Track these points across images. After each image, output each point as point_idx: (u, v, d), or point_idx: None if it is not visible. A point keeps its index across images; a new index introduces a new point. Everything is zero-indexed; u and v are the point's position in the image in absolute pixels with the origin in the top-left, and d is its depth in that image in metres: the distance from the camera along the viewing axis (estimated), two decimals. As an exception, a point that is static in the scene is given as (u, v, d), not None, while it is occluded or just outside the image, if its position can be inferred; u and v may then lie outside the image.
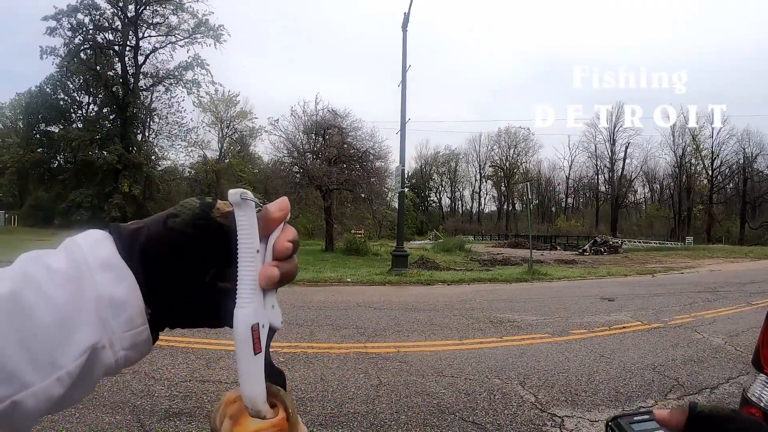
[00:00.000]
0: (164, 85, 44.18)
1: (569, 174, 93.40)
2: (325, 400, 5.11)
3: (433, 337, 8.00)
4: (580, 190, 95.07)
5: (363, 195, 33.93)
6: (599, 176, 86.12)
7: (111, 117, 42.55)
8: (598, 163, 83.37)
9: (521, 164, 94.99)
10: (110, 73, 41.88)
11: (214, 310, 0.61)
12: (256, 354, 0.58)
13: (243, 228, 0.59)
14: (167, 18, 41.88)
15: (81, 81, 42.97)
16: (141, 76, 42.91)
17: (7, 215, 45.65)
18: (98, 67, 40.84)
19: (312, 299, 11.77)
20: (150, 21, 41.75)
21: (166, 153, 47.27)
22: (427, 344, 7.48)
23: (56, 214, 39.85)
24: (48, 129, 44.95)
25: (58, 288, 0.51)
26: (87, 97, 45.01)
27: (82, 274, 0.54)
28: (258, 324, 0.58)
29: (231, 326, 0.59)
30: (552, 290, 14.54)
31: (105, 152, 39.00)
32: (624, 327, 8.94)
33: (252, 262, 0.59)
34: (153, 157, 44.43)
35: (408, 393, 5.35)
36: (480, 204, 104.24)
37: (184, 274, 0.60)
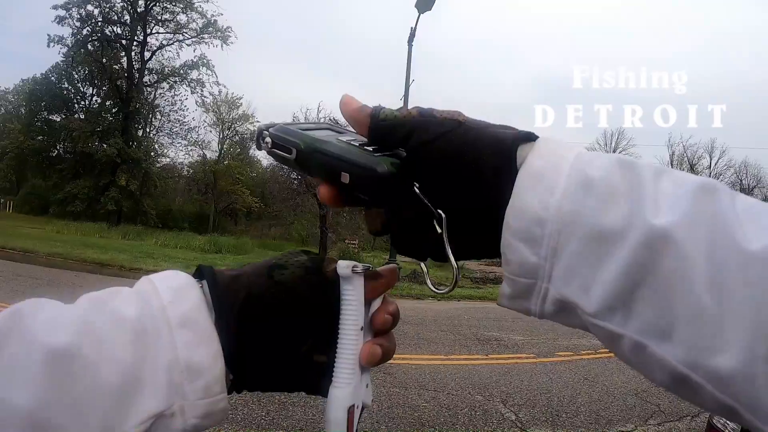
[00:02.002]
0: (168, 83, 44.10)
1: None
2: (307, 406, 5.12)
3: (419, 351, 8.01)
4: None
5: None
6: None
7: (113, 110, 42.42)
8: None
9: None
10: (116, 67, 41.83)
11: (302, 382, 0.56)
12: None
13: (349, 303, 0.54)
14: (176, 16, 41.90)
15: (86, 72, 42.86)
16: (146, 72, 42.85)
17: (2, 200, 45.51)
18: (104, 60, 40.78)
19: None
20: (159, 18, 41.77)
21: (165, 150, 47.09)
22: (413, 357, 7.48)
23: (52, 203, 39.69)
24: (50, 117, 44.84)
25: (124, 344, 0.45)
26: (91, 88, 44.90)
27: (157, 330, 0.47)
28: (354, 405, 0.54)
29: (321, 395, 0.55)
30: (541, 312, 14.56)
31: (105, 145, 38.84)
32: (610, 351, 8.97)
33: (355, 339, 0.54)
34: (152, 154, 44.24)
35: (390, 404, 5.37)
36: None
37: (281, 340, 0.54)
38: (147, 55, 42.57)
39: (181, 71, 43.22)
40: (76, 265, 14.89)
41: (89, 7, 39.60)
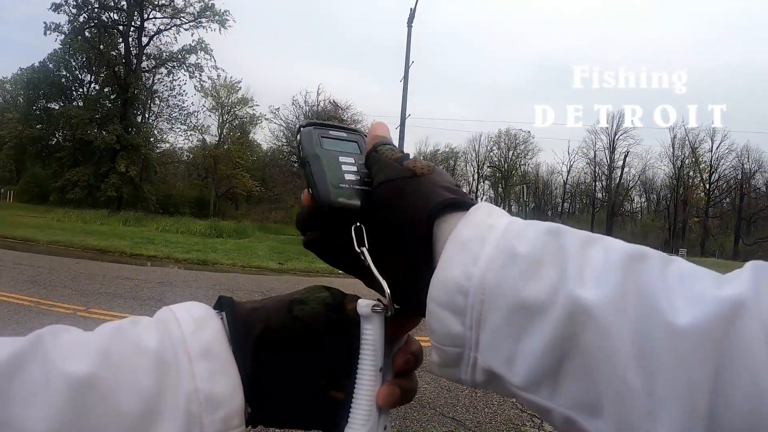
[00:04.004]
0: (167, 68, 43.97)
1: (567, 179, 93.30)
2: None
3: (419, 332, 7.88)
4: (577, 195, 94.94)
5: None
6: (597, 183, 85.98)
7: (112, 97, 42.32)
8: (597, 170, 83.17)
9: (520, 166, 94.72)
10: (113, 53, 41.64)
11: (318, 419, 0.55)
12: None
13: (368, 343, 0.53)
14: (173, 0, 41.79)
15: (84, 59, 42.68)
16: (144, 58, 42.70)
17: (2, 190, 45.54)
18: (102, 46, 40.62)
19: (303, 289, 11.72)
20: (156, 2, 41.57)
21: (165, 136, 47.02)
22: (413, 340, 7.48)
23: (52, 191, 39.72)
24: (48, 106, 44.73)
25: (144, 373, 0.45)
26: (89, 75, 44.74)
27: (177, 360, 0.47)
28: None
29: None
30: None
31: (104, 132, 38.79)
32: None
33: (372, 381, 0.53)
34: (152, 139, 44.24)
35: (391, 386, 5.39)
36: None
37: (297, 373, 0.53)
38: (144, 40, 42.50)
39: (179, 56, 43.11)
40: (77, 253, 14.94)
41: (85, -7, 39.42)
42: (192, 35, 46.02)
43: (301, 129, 0.63)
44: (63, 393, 0.41)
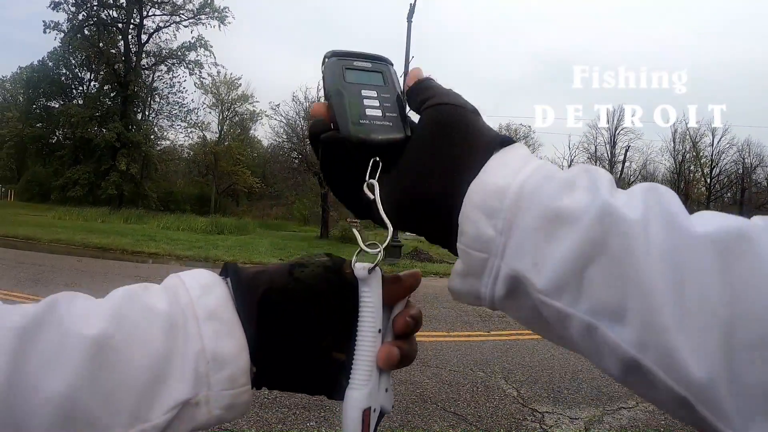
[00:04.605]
0: (166, 65, 43.89)
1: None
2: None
3: (421, 327, 8.01)
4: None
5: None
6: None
7: (112, 95, 42.22)
8: (598, 164, 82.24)
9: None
10: (113, 51, 41.55)
11: (322, 380, 0.56)
12: None
13: (367, 305, 0.55)
14: (172, -3, 41.71)
15: (83, 57, 42.61)
16: (143, 55, 42.59)
17: (3, 189, 45.56)
18: (101, 44, 40.53)
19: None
20: (154, 0, 41.56)
21: (165, 133, 46.84)
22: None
23: (53, 190, 39.70)
24: (48, 104, 44.73)
25: (155, 335, 0.47)
26: (88, 73, 44.68)
27: (186, 322, 0.49)
28: (370, 409, 0.54)
29: (338, 399, 0.56)
30: (543, 288, 14.57)
31: (104, 130, 38.75)
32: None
33: (372, 341, 0.55)
34: (152, 137, 44.12)
35: (392, 381, 5.39)
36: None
37: (300, 334, 0.54)
38: (144, 37, 42.38)
39: (179, 53, 43.04)
40: (78, 251, 14.95)
41: (84, -9, 39.34)
42: (191, 32, 46.05)
43: (326, 60, 0.62)
44: (79, 354, 0.42)
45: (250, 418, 4.31)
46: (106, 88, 42.92)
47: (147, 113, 45.82)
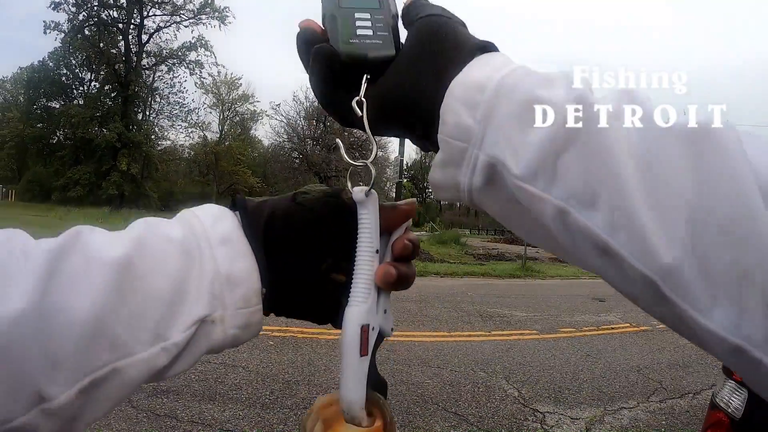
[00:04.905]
0: (167, 65, 44.02)
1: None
2: (311, 384, 5.17)
3: (422, 327, 8.04)
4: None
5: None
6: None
7: (112, 95, 42.33)
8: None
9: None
10: (113, 51, 41.65)
11: (324, 302, 0.60)
12: (361, 356, 0.56)
13: (365, 226, 0.58)
14: (173, -3, 41.78)
15: (84, 58, 42.67)
16: (144, 55, 42.71)
17: (4, 189, 45.55)
18: (101, 45, 40.63)
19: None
20: (155, 0, 41.61)
21: (166, 133, 46.90)
22: (415, 334, 7.52)
23: (54, 190, 39.74)
24: (49, 104, 44.77)
25: (173, 258, 0.50)
26: (89, 74, 44.71)
27: (200, 247, 0.53)
28: (368, 326, 0.56)
29: (340, 327, 0.57)
30: (544, 287, 14.60)
31: (105, 130, 38.84)
32: (612, 328, 9.00)
33: (370, 261, 0.57)
34: (153, 137, 44.22)
35: (393, 381, 5.39)
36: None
37: (303, 256, 0.58)
38: (144, 38, 42.51)
39: (179, 53, 43.14)
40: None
41: (84, -9, 39.39)
42: (192, 32, 46.09)
43: None
44: (103, 276, 0.45)
45: (252, 419, 4.32)
46: (106, 88, 43.00)
47: (147, 113, 45.92)
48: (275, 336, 6.80)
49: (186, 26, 42.55)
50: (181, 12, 42.01)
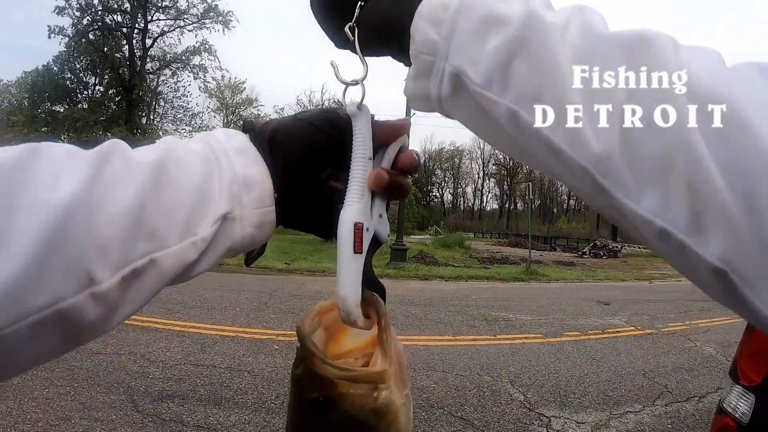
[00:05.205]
0: (171, 69, 44.07)
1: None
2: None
3: (427, 331, 8.05)
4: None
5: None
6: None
7: (116, 99, 42.45)
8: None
9: (525, 164, 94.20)
10: (117, 55, 41.76)
11: (325, 210, 0.64)
12: (355, 253, 0.60)
13: (357, 135, 0.63)
14: (176, 2, 41.88)
15: (88, 62, 42.73)
16: (148, 59, 42.84)
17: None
18: (106, 49, 40.74)
19: (309, 288, 11.80)
20: (159, 4, 41.70)
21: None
22: (420, 338, 7.53)
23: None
24: (53, 108, 44.79)
25: (197, 163, 0.56)
26: (93, 78, 44.73)
27: (218, 157, 0.58)
28: (362, 225, 0.61)
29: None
30: (548, 291, 14.55)
31: (109, 134, 38.82)
32: (617, 331, 8.97)
33: (363, 167, 0.62)
34: (157, 141, 44.32)
35: (399, 386, 5.38)
36: (482, 201, 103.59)
37: (305, 165, 0.64)
38: (148, 42, 42.52)
39: (184, 57, 43.18)
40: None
41: (88, -3, 39.51)
42: (196, 36, 46.33)
43: None
44: (142, 175, 0.50)
45: (257, 423, 4.33)
46: (111, 92, 43.07)
47: (152, 117, 45.96)
48: (280, 340, 6.81)
49: (190, 30, 42.62)
50: (185, 16, 42.11)
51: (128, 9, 41.16)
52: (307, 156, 0.63)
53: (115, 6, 40.92)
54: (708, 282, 0.41)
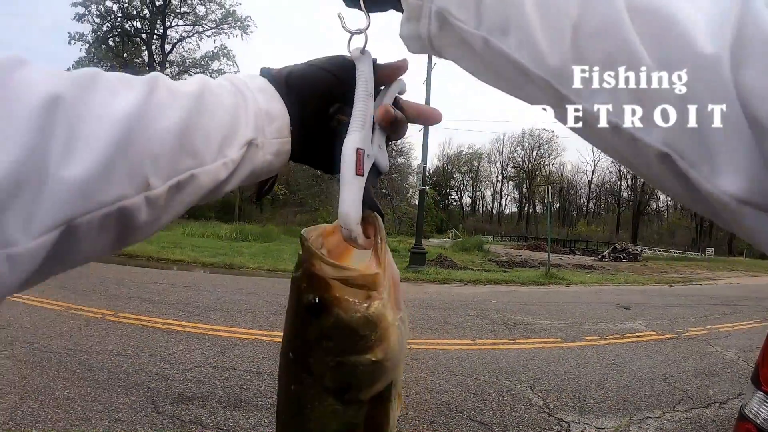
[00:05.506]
0: (190, 74, 44.24)
1: (592, 178, 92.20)
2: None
3: (446, 335, 8.03)
4: (602, 195, 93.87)
5: (384, 190, 33.82)
6: (622, 182, 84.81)
7: (136, 104, 42.88)
8: (622, 168, 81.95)
9: (544, 166, 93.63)
10: (137, 61, 42.18)
11: (331, 143, 0.71)
12: (357, 175, 0.66)
13: (360, 75, 0.70)
14: (195, 8, 42.31)
15: (108, 68, 43.13)
16: (167, 65, 43.16)
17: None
18: (125, 55, 41.19)
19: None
20: (177, 10, 42.13)
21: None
22: (440, 342, 7.52)
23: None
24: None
25: (228, 96, 0.63)
26: (114, 83, 45.34)
27: (244, 92, 0.66)
28: (363, 151, 0.67)
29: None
30: (568, 295, 14.46)
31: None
32: (638, 336, 8.90)
33: (365, 102, 0.69)
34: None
35: (418, 390, 5.41)
36: (501, 205, 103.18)
37: (315, 100, 0.71)
38: (167, 48, 42.85)
39: (202, 62, 43.49)
40: (104, 257, 15.08)
41: (108, 3, 39.98)
42: (214, 42, 46.49)
43: None
44: (186, 100, 0.57)
45: (270, 426, 4.32)
46: (131, 98, 43.49)
47: (171, 122, 46.41)
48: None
49: (208, 36, 43.04)
50: (204, 22, 42.50)
51: (147, 15, 41.60)
52: (317, 94, 0.71)
53: (134, 12, 41.38)
54: (657, 169, 0.47)
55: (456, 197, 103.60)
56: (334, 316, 0.60)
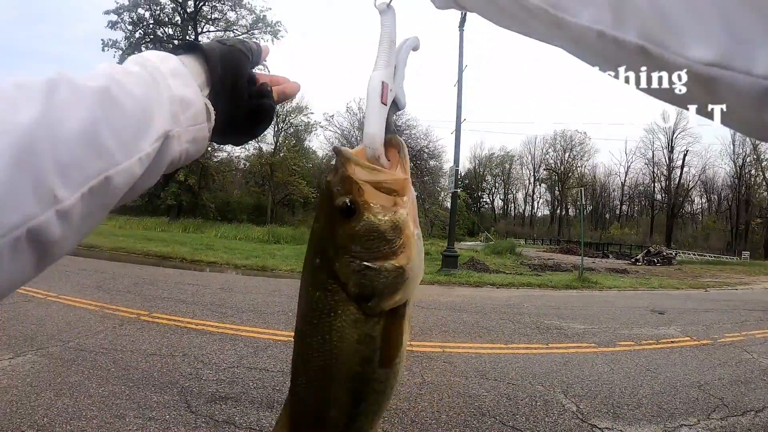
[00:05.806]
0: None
1: (625, 180, 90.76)
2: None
3: (479, 339, 7.99)
4: (636, 197, 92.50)
5: (416, 193, 33.77)
6: (655, 184, 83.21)
7: (170, 110, 43.59)
8: (655, 170, 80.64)
9: (576, 168, 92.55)
10: (170, 67, 42.91)
11: (249, 105, 0.79)
12: (381, 103, 0.71)
13: (385, 26, 0.74)
14: (225, 14, 42.84)
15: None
16: (200, 70, 43.85)
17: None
18: (158, 61, 41.89)
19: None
20: (209, 16, 42.67)
21: (222, 145, 48.25)
22: (472, 346, 7.49)
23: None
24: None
25: (138, 86, 0.61)
26: (147, 89, 46.17)
27: (155, 78, 0.64)
28: (387, 84, 0.72)
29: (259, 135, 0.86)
30: (601, 299, 14.28)
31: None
32: (672, 341, 8.75)
33: (390, 47, 0.74)
34: (209, 149, 45.11)
35: (450, 393, 5.39)
36: (533, 207, 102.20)
37: (234, 72, 0.77)
38: (200, 53, 43.48)
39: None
40: (139, 259, 15.35)
41: (140, 11, 40.68)
42: (245, 47, 46.89)
43: None
44: (90, 99, 0.55)
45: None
46: (165, 103, 44.19)
47: (205, 127, 46.97)
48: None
49: (239, 41, 43.54)
50: (235, 27, 42.94)
51: (179, 22, 42.20)
52: (236, 67, 0.77)
53: (166, 19, 42.03)
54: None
55: (488, 200, 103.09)
56: (364, 219, 0.64)
